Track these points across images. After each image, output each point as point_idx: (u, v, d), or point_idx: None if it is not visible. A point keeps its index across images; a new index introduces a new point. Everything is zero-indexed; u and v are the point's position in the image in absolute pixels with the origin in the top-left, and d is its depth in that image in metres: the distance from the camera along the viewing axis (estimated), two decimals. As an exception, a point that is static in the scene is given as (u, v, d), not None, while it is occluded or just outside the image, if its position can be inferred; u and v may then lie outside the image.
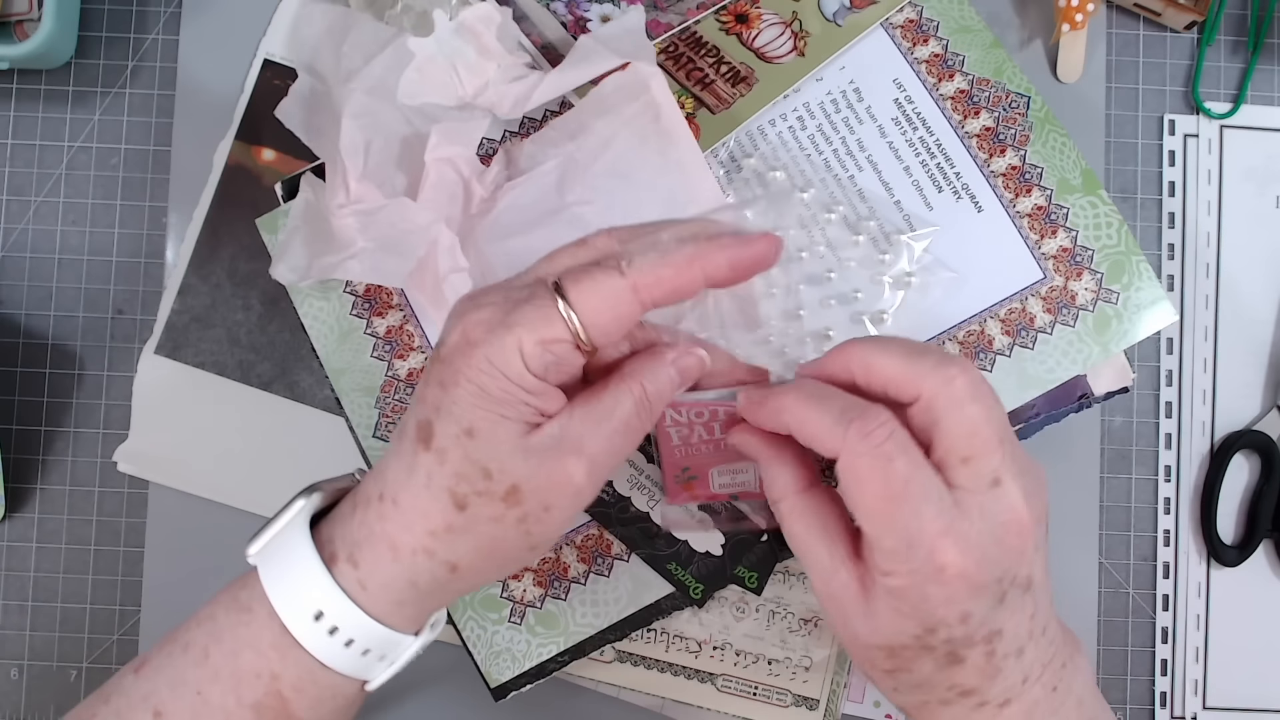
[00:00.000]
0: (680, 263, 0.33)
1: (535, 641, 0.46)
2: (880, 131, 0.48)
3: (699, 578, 0.46)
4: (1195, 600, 0.51)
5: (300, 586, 0.34)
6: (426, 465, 0.33)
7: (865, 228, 0.47)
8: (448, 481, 0.33)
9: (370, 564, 0.34)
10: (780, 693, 0.48)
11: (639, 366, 0.35)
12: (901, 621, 0.33)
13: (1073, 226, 0.47)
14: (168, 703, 0.35)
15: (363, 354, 0.48)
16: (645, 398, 0.35)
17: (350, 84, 0.46)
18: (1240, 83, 0.53)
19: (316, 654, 0.34)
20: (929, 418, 0.33)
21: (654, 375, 0.35)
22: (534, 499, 0.33)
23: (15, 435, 0.51)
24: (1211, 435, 0.51)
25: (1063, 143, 0.47)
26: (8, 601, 0.50)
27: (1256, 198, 0.52)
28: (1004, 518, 0.33)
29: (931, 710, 0.35)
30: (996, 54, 0.48)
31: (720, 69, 0.48)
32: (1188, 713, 0.50)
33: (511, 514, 0.33)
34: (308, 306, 0.48)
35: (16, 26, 0.51)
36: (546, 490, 0.33)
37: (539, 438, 0.33)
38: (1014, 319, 0.46)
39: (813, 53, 0.49)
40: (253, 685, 0.35)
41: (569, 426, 0.34)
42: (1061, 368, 0.46)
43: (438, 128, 0.45)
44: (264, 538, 0.36)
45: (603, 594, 0.46)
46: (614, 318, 0.33)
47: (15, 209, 0.52)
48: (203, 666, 0.35)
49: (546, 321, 0.32)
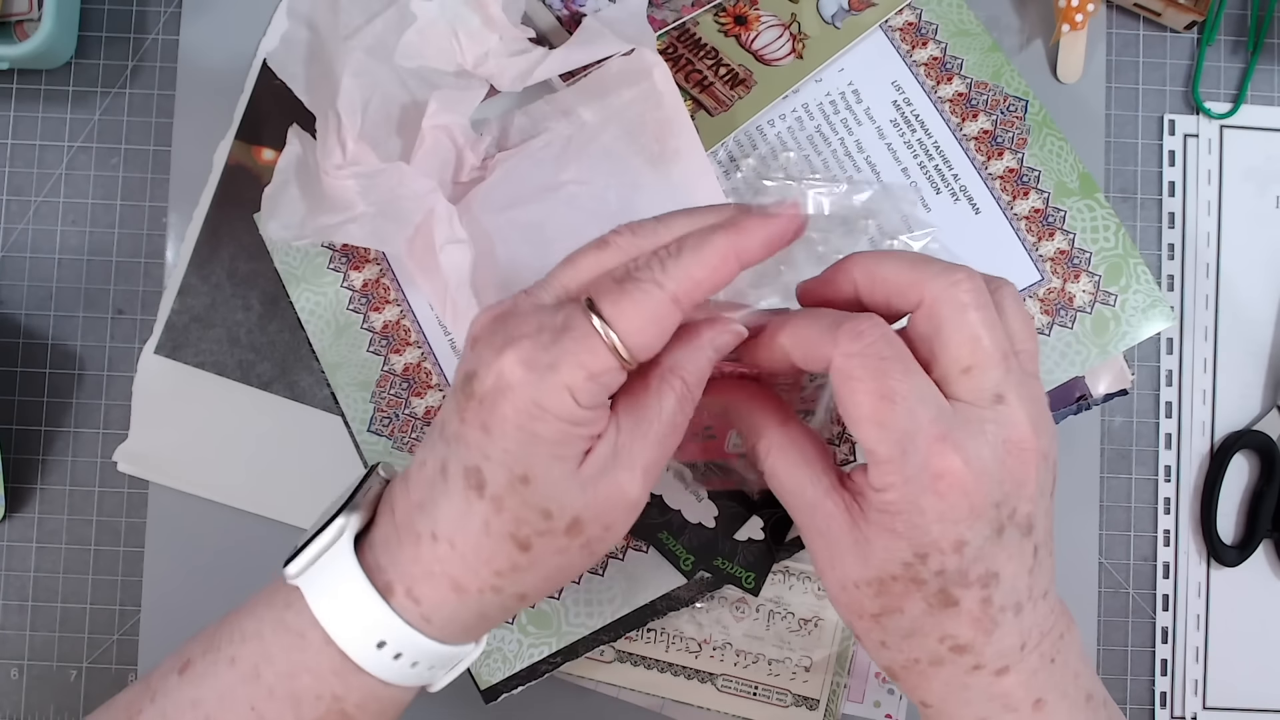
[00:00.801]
0: (716, 261, 0.32)
1: (527, 642, 0.46)
2: (879, 133, 0.48)
3: (690, 549, 0.45)
4: (1195, 600, 0.51)
5: (360, 618, 0.33)
6: (483, 513, 0.32)
7: (864, 227, 0.47)
8: (508, 527, 0.32)
9: (434, 602, 0.33)
10: (780, 693, 0.48)
11: (677, 358, 0.33)
12: (893, 543, 0.32)
13: (1070, 229, 0.47)
14: (218, 713, 0.34)
15: (359, 349, 0.48)
16: (687, 391, 0.33)
17: (350, 41, 0.46)
18: (1240, 83, 0.53)
19: (382, 676, 0.33)
20: (931, 325, 0.32)
21: (694, 364, 0.33)
22: (595, 524, 0.33)
23: (15, 435, 0.51)
24: (1211, 435, 0.51)
25: (1060, 146, 0.47)
26: (8, 601, 0.50)
27: (1256, 198, 0.52)
28: (1007, 434, 0.31)
29: (922, 672, 0.33)
30: (995, 57, 0.48)
31: (719, 71, 0.48)
32: (1188, 713, 0.50)
33: (575, 543, 0.33)
34: (304, 300, 0.48)
35: (16, 26, 0.51)
36: (605, 514, 0.33)
37: (591, 465, 0.32)
38: None
39: (811, 55, 0.49)
40: (314, 705, 0.34)
41: (619, 443, 0.32)
42: (1060, 369, 0.46)
43: (437, 94, 0.45)
44: (304, 557, 0.34)
45: (597, 593, 0.46)
46: (658, 332, 0.32)
47: (15, 209, 0.52)
48: (254, 684, 0.34)
49: (592, 354, 0.31)
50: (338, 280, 0.48)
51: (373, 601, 0.33)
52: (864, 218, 0.47)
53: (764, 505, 0.46)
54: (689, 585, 0.46)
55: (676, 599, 0.46)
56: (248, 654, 0.34)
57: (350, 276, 0.48)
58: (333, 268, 0.48)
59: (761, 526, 0.46)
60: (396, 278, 0.48)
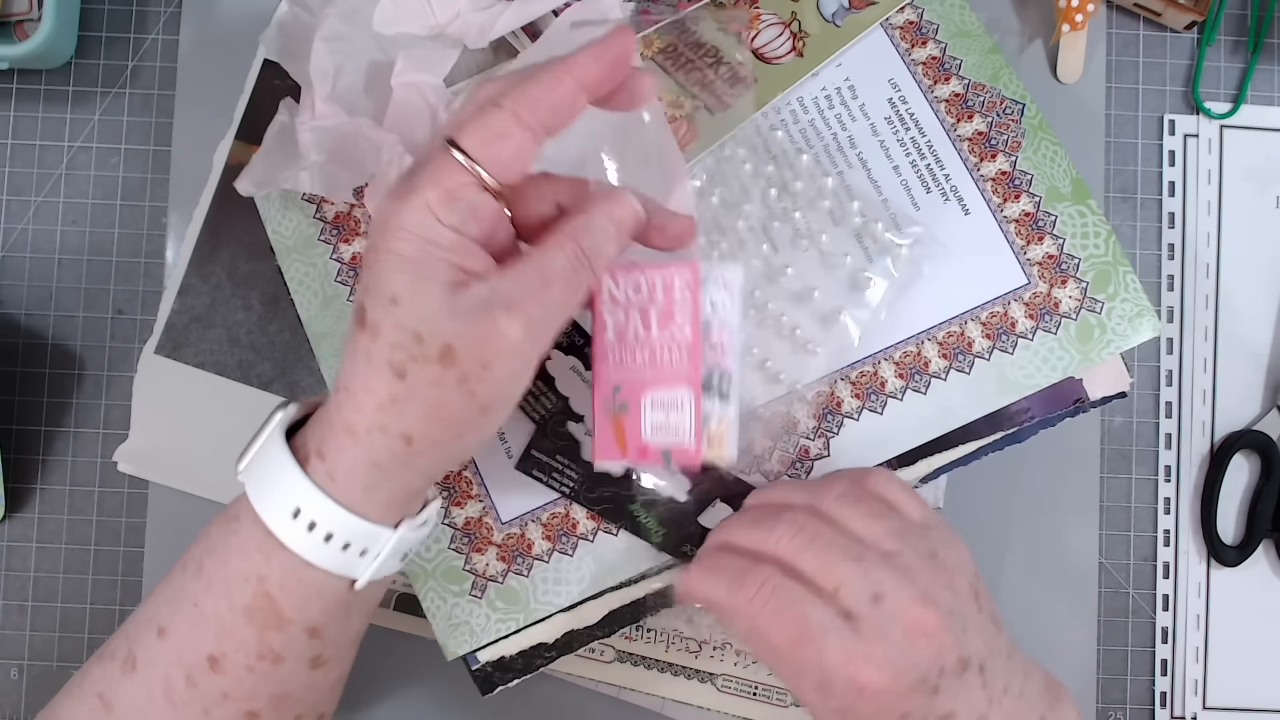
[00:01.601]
0: (548, 78, 0.34)
1: (495, 616, 0.46)
2: (872, 130, 0.48)
3: (662, 521, 0.45)
4: (1195, 600, 0.51)
5: (278, 487, 0.35)
6: (364, 343, 0.34)
7: (852, 224, 0.47)
8: (384, 354, 0.33)
9: (335, 453, 0.35)
10: (780, 693, 0.48)
11: (573, 221, 0.35)
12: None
13: (1060, 234, 0.47)
14: (169, 619, 0.37)
15: (344, 320, 0.48)
16: (581, 252, 0.35)
17: (327, 8, 0.47)
18: (1240, 83, 0.53)
19: (298, 550, 0.35)
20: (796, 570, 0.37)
21: (588, 227, 0.35)
22: (469, 357, 0.33)
23: (15, 435, 0.51)
24: (1211, 435, 0.51)
25: (1055, 151, 0.47)
26: (8, 601, 0.50)
27: (1256, 198, 0.52)
28: (903, 626, 0.35)
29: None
30: (994, 59, 0.48)
31: (719, 69, 0.48)
32: (1188, 713, 0.50)
33: (450, 375, 0.33)
34: (294, 270, 0.48)
35: (16, 26, 0.51)
36: (481, 347, 0.33)
37: (466, 296, 0.33)
38: (995, 322, 0.46)
39: (811, 53, 0.49)
40: (242, 589, 0.36)
41: (499, 285, 0.34)
42: (1041, 374, 0.46)
43: (405, 53, 0.46)
44: (249, 454, 0.37)
45: (565, 573, 0.46)
46: (508, 149, 0.33)
47: (15, 209, 0.52)
48: (198, 580, 0.37)
49: (446, 172, 0.33)
50: (327, 252, 0.48)
51: (289, 468, 0.35)
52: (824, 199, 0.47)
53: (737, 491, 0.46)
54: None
55: (668, 597, 0.46)
56: (196, 553, 0.37)
57: (340, 249, 0.48)
58: (323, 239, 0.48)
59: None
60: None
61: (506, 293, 0.33)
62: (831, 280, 0.46)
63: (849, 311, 0.46)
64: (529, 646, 0.46)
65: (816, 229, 0.47)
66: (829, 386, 0.46)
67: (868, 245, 0.47)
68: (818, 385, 0.46)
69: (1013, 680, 0.37)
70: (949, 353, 0.46)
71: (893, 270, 0.46)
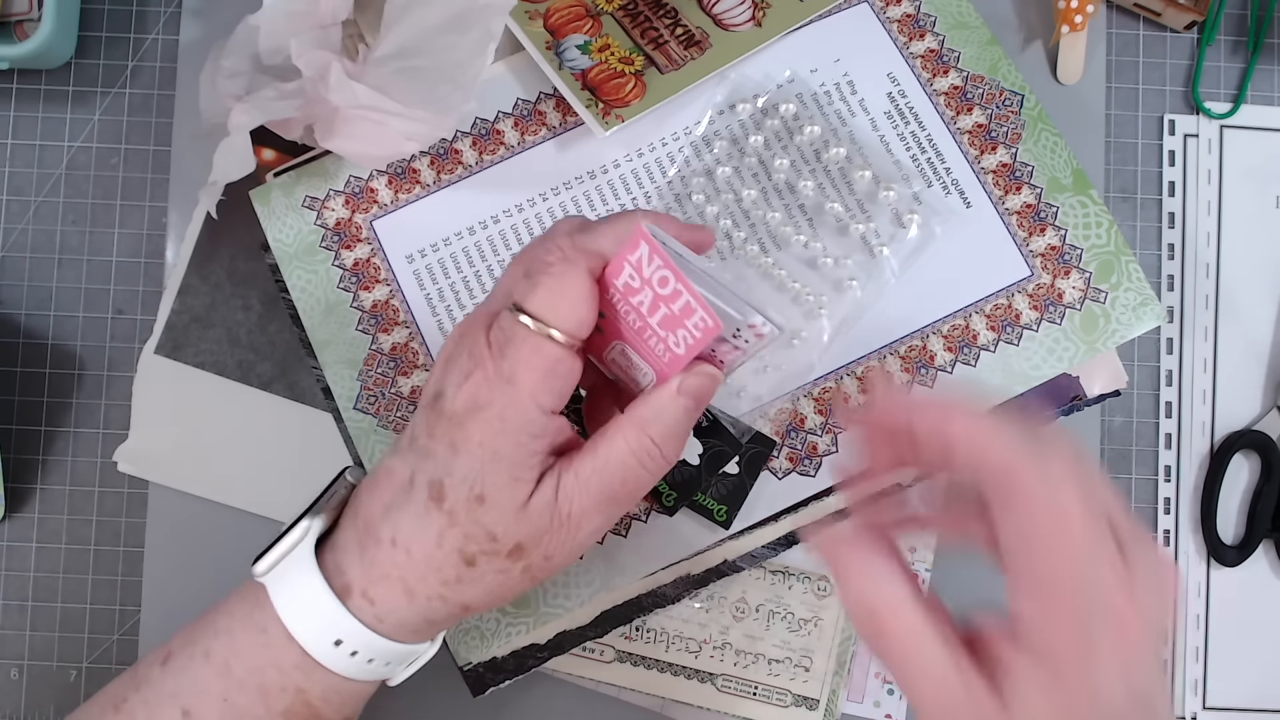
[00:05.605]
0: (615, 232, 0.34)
1: (505, 621, 0.46)
2: (872, 124, 0.48)
3: (672, 484, 0.46)
4: (1195, 600, 0.51)
5: (317, 618, 0.35)
6: (439, 525, 0.34)
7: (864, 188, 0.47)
8: (458, 542, 0.34)
9: (386, 604, 0.35)
10: (780, 693, 0.48)
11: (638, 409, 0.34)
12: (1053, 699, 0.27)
13: (1062, 225, 0.47)
14: (195, 705, 0.36)
15: (347, 327, 0.48)
16: (650, 444, 0.34)
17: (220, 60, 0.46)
18: (1240, 83, 0.53)
19: (340, 671, 0.36)
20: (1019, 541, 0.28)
21: (658, 417, 0.34)
22: (536, 553, 0.35)
23: (15, 435, 0.51)
24: (1211, 435, 0.51)
25: (1055, 142, 0.47)
26: (8, 601, 0.50)
27: (1256, 198, 0.52)
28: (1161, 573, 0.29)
29: None
30: (993, 51, 0.48)
31: (676, 30, 0.48)
32: (1188, 713, 0.50)
33: (516, 566, 0.35)
34: (296, 278, 0.48)
35: (16, 26, 0.51)
36: (547, 546, 0.35)
37: (536, 502, 0.34)
38: (1000, 315, 0.46)
39: (770, 24, 0.49)
40: (280, 697, 0.36)
41: (563, 488, 0.34)
42: (1047, 365, 0.46)
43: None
44: (270, 557, 0.37)
45: (575, 576, 0.46)
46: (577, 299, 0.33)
47: (15, 209, 0.52)
48: (226, 678, 0.36)
49: (537, 351, 0.33)
50: (329, 259, 0.48)
51: (330, 602, 0.35)
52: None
53: (743, 469, 0.46)
54: (675, 583, 0.46)
55: (662, 596, 0.46)
56: (220, 649, 0.36)
57: (341, 255, 0.48)
58: (324, 246, 0.49)
59: (736, 461, 0.46)
60: (387, 257, 0.48)
61: (567, 498, 0.34)
62: (844, 245, 0.46)
63: (861, 277, 0.46)
64: (521, 647, 0.46)
65: (828, 197, 0.47)
66: (835, 383, 0.46)
67: (879, 209, 0.47)
68: (824, 382, 0.46)
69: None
70: (954, 346, 0.46)
71: (909, 232, 0.46)
